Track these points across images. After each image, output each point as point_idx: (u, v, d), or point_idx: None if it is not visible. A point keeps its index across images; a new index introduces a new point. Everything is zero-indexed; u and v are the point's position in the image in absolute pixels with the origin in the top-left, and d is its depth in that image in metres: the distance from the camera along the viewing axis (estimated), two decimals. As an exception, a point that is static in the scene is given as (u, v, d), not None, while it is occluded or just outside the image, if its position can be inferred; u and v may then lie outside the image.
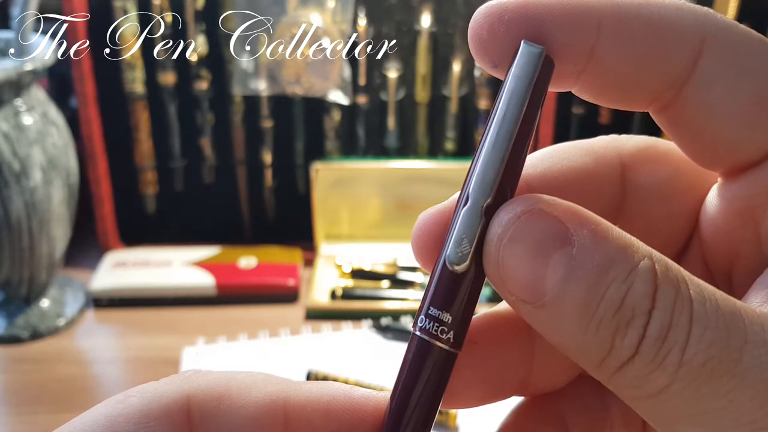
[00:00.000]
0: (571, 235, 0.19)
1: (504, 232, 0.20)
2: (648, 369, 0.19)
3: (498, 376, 0.25)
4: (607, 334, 0.19)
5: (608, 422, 0.25)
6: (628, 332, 0.19)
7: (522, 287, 0.20)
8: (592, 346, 0.19)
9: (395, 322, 0.85)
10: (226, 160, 1.03)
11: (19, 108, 0.81)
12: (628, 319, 0.19)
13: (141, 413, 0.21)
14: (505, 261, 0.20)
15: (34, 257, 0.85)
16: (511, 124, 0.20)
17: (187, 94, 0.99)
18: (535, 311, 0.20)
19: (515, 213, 0.20)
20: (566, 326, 0.19)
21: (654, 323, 0.18)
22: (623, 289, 0.19)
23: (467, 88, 1.00)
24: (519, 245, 0.20)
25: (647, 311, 0.19)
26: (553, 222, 0.19)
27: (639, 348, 0.19)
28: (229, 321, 0.90)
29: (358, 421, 0.22)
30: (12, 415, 0.77)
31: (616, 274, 0.19)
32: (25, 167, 0.81)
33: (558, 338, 0.20)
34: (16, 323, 0.88)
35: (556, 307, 0.19)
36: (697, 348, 0.18)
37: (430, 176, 0.99)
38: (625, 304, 0.19)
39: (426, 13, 0.97)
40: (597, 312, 0.19)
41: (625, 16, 0.21)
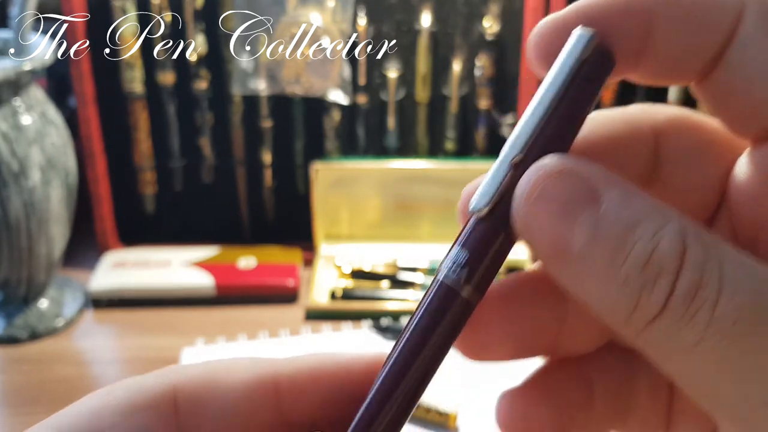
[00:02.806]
0: (600, 195, 0.19)
1: (533, 188, 0.20)
2: (676, 326, 0.19)
3: (528, 334, 0.25)
4: (634, 289, 0.19)
5: (634, 391, 0.25)
6: (654, 288, 0.19)
7: (549, 243, 0.20)
8: (619, 302, 0.19)
9: (395, 323, 0.85)
10: (226, 160, 1.03)
11: (18, 108, 0.81)
12: (655, 275, 0.19)
13: (126, 405, 0.21)
14: (533, 217, 0.20)
15: (33, 257, 0.85)
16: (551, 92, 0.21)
17: (187, 93, 0.99)
18: (561, 267, 0.20)
19: (545, 170, 0.20)
20: (592, 282, 0.19)
21: (683, 281, 0.19)
22: (650, 247, 0.19)
23: (467, 87, 1.00)
24: (547, 202, 0.20)
25: (675, 269, 0.19)
26: (582, 181, 0.20)
27: (667, 305, 0.19)
28: (229, 321, 0.90)
29: (347, 382, 0.22)
30: (10, 416, 0.77)
31: (643, 232, 0.19)
32: (24, 167, 0.80)
33: (584, 295, 0.20)
34: (15, 323, 0.88)
35: (582, 263, 0.19)
36: (728, 307, 0.18)
37: (430, 176, 0.99)
38: (652, 261, 0.19)
39: (426, 12, 0.96)
40: (623, 268, 0.19)
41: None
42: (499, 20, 0.97)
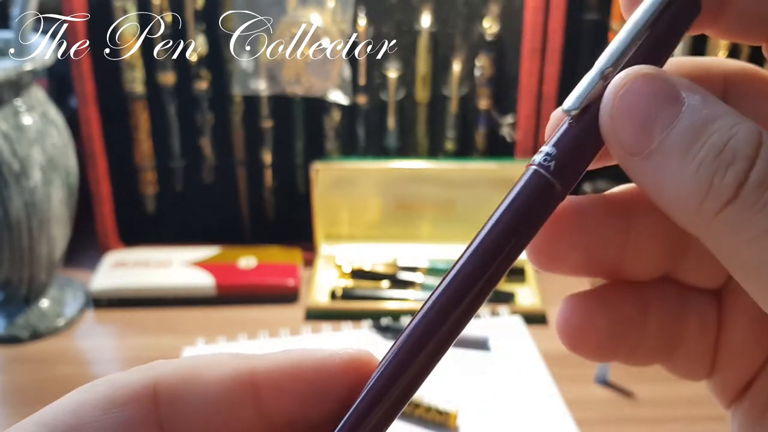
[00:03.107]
0: (682, 97, 0.21)
1: (621, 86, 0.21)
2: (748, 214, 0.19)
3: (594, 251, 0.26)
4: (707, 173, 0.20)
5: (685, 324, 0.26)
6: (728, 173, 0.19)
7: (631, 136, 0.21)
8: (692, 188, 0.20)
9: (395, 322, 0.85)
10: (226, 160, 1.03)
11: (19, 108, 0.81)
12: (729, 161, 0.19)
13: (107, 400, 0.21)
14: (619, 111, 0.21)
15: (34, 257, 0.85)
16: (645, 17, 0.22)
17: (187, 94, 0.99)
18: (641, 162, 0.21)
19: (635, 72, 0.21)
20: (668, 172, 0.20)
21: (757, 169, 0.19)
22: (726, 137, 0.20)
23: (467, 88, 1.00)
24: (633, 98, 0.21)
25: (750, 158, 0.19)
26: (668, 84, 0.21)
27: (740, 191, 0.19)
28: (229, 321, 0.91)
29: (325, 378, 0.23)
30: (11, 416, 0.77)
31: (721, 125, 0.20)
32: (25, 167, 0.81)
33: (659, 187, 0.21)
34: (16, 323, 0.88)
35: (660, 155, 0.20)
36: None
37: (430, 176, 0.99)
38: (727, 148, 0.19)
39: (426, 13, 0.97)
40: (698, 154, 0.20)
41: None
42: (499, 21, 0.97)
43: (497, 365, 0.80)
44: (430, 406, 0.71)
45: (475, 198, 0.98)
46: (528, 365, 0.80)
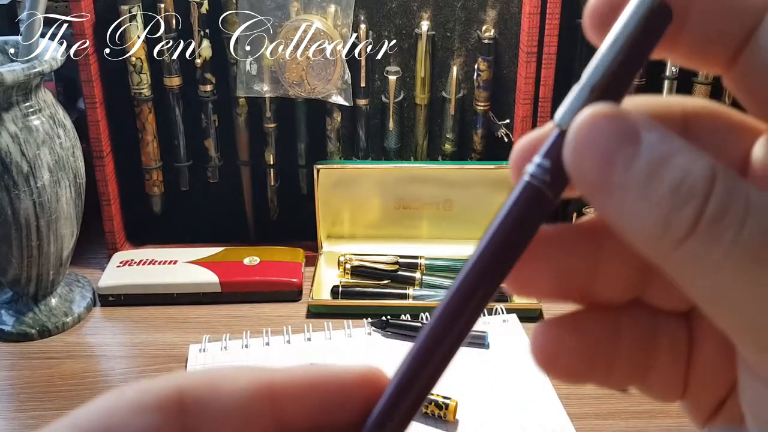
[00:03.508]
0: (641, 135, 0.21)
1: (583, 125, 0.22)
2: (705, 245, 0.20)
3: (564, 276, 0.26)
4: (665, 210, 0.21)
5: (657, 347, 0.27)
6: (685, 209, 0.20)
7: (594, 173, 0.22)
8: (652, 223, 0.21)
9: (395, 320, 0.86)
10: (231, 161, 1.04)
11: (28, 110, 0.82)
12: (686, 197, 0.20)
13: (136, 405, 0.23)
14: (582, 149, 0.22)
15: (43, 256, 0.87)
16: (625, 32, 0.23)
17: (193, 96, 1.00)
18: (604, 198, 0.22)
19: (596, 112, 0.22)
20: (629, 207, 0.21)
21: (712, 204, 0.20)
22: (683, 173, 0.21)
23: (465, 90, 1.02)
24: (594, 137, 0.22)
25: (705, 193, 0.20)
26: (627, 122, 0.22)
27: (696, 226, 0.20)
28: (233, 318, 0.92)
29: (340, 391, 0.24)
30: (21, 411, 0.79)
31: (677, 162, 0.21)
32: (34, 168, 0.82)
33: (622, 221, 0.22)
34: (25, 321, 0.89)
35: (622, 191, 0.21)
36: (754, 228, 0.20)
37: (429, 177, 1.00)
38: (684, 185, 0.20)
39: (425, 17, 0.98)
40: (657, 191, 0.21)
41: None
42: (496, 25, 0.98)
43: (495, 361, 0.82)
44: (429, 400, 0.72)
45: (473, 198, 0.99)
46: (524, 361, 0.81)
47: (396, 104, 1.01)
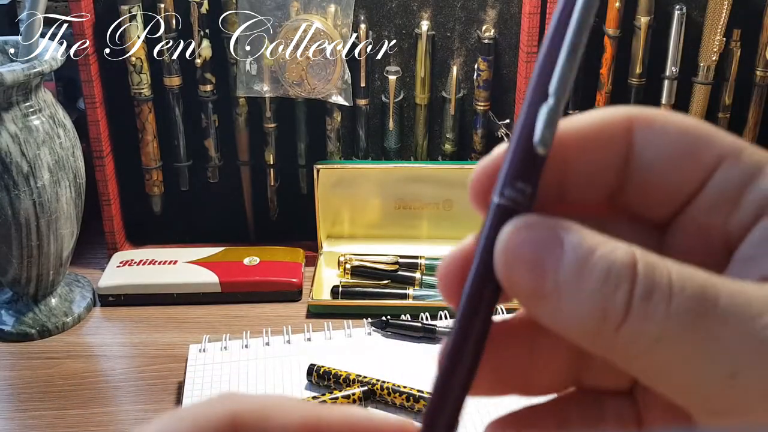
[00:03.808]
0: (561, 237, 0.23)
1: (507, 243, 0.23)
2: (640, 325, 0.22)
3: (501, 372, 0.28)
4: (599, 301, 0.22)
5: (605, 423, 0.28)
6: (616, 295, 0.22)
7: (526, 283, 0.23)
8: (588, 317, 0.22)
9: (395, 320, 0.87)
10: (231, 161, 1.04)
11: (28, 110, 0.82)
12: (615, 285, 0.22)
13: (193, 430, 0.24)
14: (511, 267, 0.23)
15: (43, 256, 0.87)
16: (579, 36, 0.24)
17: (193, 96, 1.00)
18: (539, 303, 0.23)
19: (514, 227, 0.24)
20: (565, 308, 0.23)
21: (639, 285, 0.22)
22: (608, 264, 0.22)
23: (465, 90, 1.02)
24: (520, 252, 0.23)
25: (631, 278, 0.22)
26: (545, 229, 0.23)
27: (629, 309, 0.22)
28: (233, 318, 0.92)
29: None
30: (21, 411, 0.79)
31: (600, 254, 0.22)
32: (34, 168, 0.82)
33: (562, 323, 0.23)
34: (25, 321, 0.89)
35: (555, 294, 0.23)
36: (681, 299, 0.22)
37: (429, 177, 1.00)
38: (611, 274, 0.22)
39: (425, 17, 0.98)
40: (588, 286, 0.22)
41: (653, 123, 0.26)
42: (496, 25, 0.98)
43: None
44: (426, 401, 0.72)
45: (473, 198, 0.99)
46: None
47: (396, 104, 1.01)
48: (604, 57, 0.97)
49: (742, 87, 0.98)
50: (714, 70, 0.97)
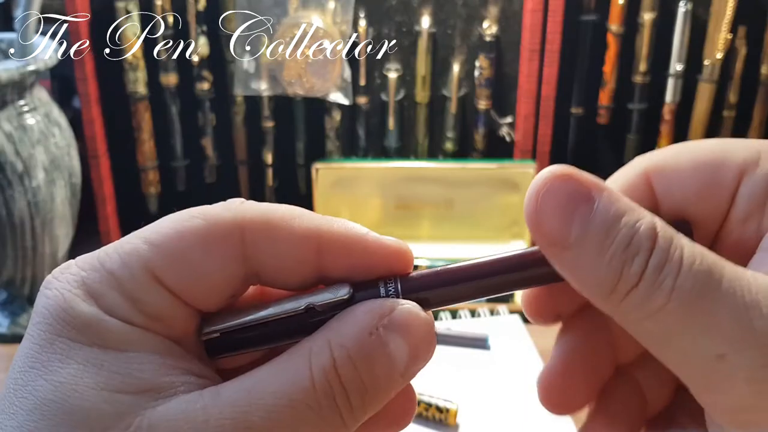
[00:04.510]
0: (593, 196, 0.25)
1: (542, 186, 0.25)
2: (648, 292, 0.24)
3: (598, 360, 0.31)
4: (618, 264, 0.24)
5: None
6: (634, 262, 0.24)
7: (553, 231, 0.25)
8: (606, 277, 0.24)
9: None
10: (228, 160, 1.04)
11: (22, 108, 0.82)
12: (634, 253, 0.24)
13: (204, 232, 0.26)
14: (541, 209, 0.25)
15: (37, 256, 0.86)
16: None
17: (189, 94, 0.99)
18: (561, 252, 0.25)
19: (553, 173, 0.25)
20: (585, 263, 0.25)
21: (654, 257, 0.24)
22: (631, 232, 0.24)
23: (467, 88, 1.01)
24: (552, 198, 0.25)
25: (649, 248, 0.24)
26: (580, 184, 0.25)
27: (642, 276, 0.24)
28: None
29: (372, 257, 0.27)
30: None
31: (626, 221, 0.24)
32: (28, 167, 0.81)
33: (578, 275, 0.25)
34: (20, 322, 0.89)
35: (578, 248, 0.24)
36: (687, 276, 0.24)
37: (429, 176, 0.99)
38: (633, 242, 0.24)
39: (426, 14, 0.97)
40: (610, 249, 0.24)
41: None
42: (498, 22, 0.98)
43: (497, 363, 0.81)
44: (430, 404, 0.72)
45: (474, 198, 0.99)
46: (527, 363, 0.80)
47: (396, 103, 1.01)
48: (607, 54, 0.96)
49: (747, 85, 0.97)
50: (719, 68, 0.96)
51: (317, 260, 0.27)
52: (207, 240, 0.25)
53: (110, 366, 0.24)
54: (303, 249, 0.26)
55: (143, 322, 0.25)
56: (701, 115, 0.98)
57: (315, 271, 0.27)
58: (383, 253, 0.27)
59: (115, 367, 0.24)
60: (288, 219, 0.26)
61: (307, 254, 0.26)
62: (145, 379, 0.24)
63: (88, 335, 0.24)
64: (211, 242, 0.25)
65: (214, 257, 0.26)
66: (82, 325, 0.24)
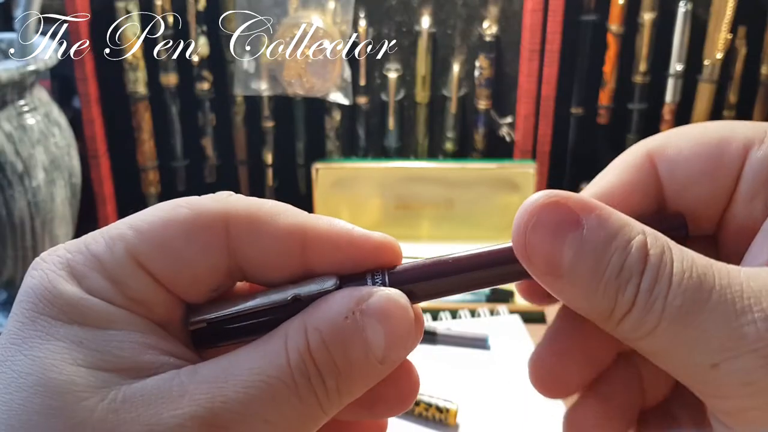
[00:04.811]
0: (581, 220, 0.24)
1: (529, 219, 0.25)
2: (641, 316, 0.24)
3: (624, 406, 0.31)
4: (611, 292, 0.24)
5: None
6: (627, 289, 0.24)
7: (545, 262, 0.25)
8: (601, 304, 0.24)
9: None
10: (228, 161, 1.03)
11: (22, 108, 0.81)
12: (627, 279, 0.24)
13: (190, 221, 0.26)
14: (530, 242, 0.25)
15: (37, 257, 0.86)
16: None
17: (189, 94, 0.99)
18: (555, 281, 0.25)
19: (538, 203, 0.25)
20: (580, 291, 0.25)
21: (645, 280, 0.24)
22: (623, 257, 0.24)
23: (467, 88, 1.01)
24: (541, 229, 0.25)
25: (640, 271, 0.24)
26: (567, 210, 0.25)
27: (635, 301, 0.24)
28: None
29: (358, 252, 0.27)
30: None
31: (617, 245, 0.24)
32: (28, 167, 0.81)
33: (574, 302, 0.25)
34: (20, 322, 0.88)
35: (571, 276, 0.24)
36: (676, 294, 0.24)
37: (429, 176, 0.99)
38: (625, 268, 0.24)
39: (426, 14, 0.97)
40: (604, 276, 0.24)
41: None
42: (498, 22, 0.97)
43: (497, 363, 0.81)
44: (430, 404, 0.72)
45: (474, 198, 0.99)
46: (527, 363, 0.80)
47: (396, 103, 1.00)
48: (607, 54, 0.96)
49: (747, 85, 0.97)
50: (719, 68, 0.96)
51: (303, 256, 0.27)
52: (191, 229, 0.26)
53: (89, 343, 0.24)
54: (287, 244, 0.26)
55: (125, 303, 0.25)
56: (701, 116, 0.98)
57: (301, 267, 0.27)
58: (370, 247, 0.27)
59: (94, 345, 0.24)
60: (273, 214, 0.27)
61: (292, 249, 0.27)
62: (124, 357, 0.24)
63: (69, 314, 0.24)
64: (195, 231, 0.26)
65: (197, 246, 0.26)
66: (64, 304, 0.24)
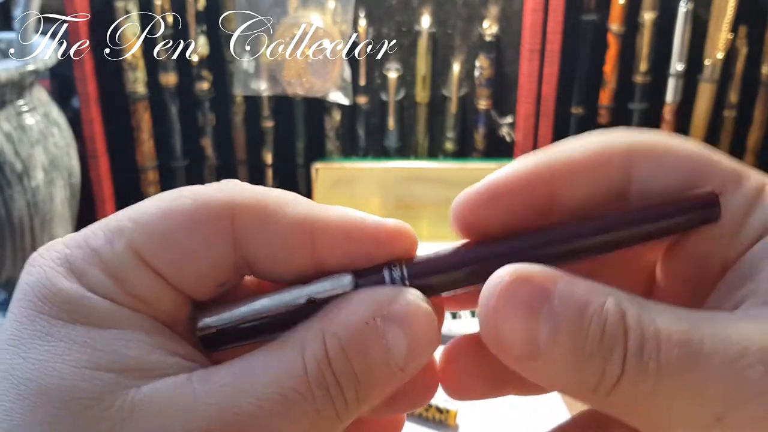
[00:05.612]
0: (550, 291, 0.23)
1: (497, 302, 0.23)
2: (635, 381, 0.22)
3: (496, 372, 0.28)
4: (598, 361, 0.22)
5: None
6: (614, 355, 0.22)
7: (521, 345, 0.23)
8: (586, 377, 0.22)
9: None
10: (228, 161, 1.03)
11: (22, 108, 0.81)
12: (611, 345, 0.22)
13: (193, 213, 0.24)
14: (503, 327, 0.23)
15: (36, 254, 0.86)
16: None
17: (189, 94, 0.99)
18: (532, 364, 0.23)
19: (502, 283, 0.23)
20: (561, 367, 0.23)
21: (631, 341, 0.22)
22: (601, 322, 0.22)
23: (467, 88, 1.01)
24: (511, 310, 0.23)
25: (623, 334, 0.22)
26: (534, 284, 0.23)
27: (624, 366, 0.22)
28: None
29: (371, 243, 0.26)
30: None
31: (593, 311, 0.22)
32: (27, 167, 0.81)
33: (555, 381, 0.23)
34: (19, 322, 0.88)
35: (550, 354, 0.23)
36: (669, 350, 0.22)
37: (430, 176, 0.99)
38: (606, 332, 0.22)
39: (426, 14, 0.97)
40: (586, 347, 0.22)
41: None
42: (498, 22, 0.97)
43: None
44: (430, 404, 0.72)
45: (475, 198, 0.99)
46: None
47: (396, 102, 1.00)
48: (607, 54, 0.96)
49: (748, 85, 0.97)
50: (720, 68, 0.95)
51: (313, 247, 0.25)
52: (194, 220, 0.24)
53: (93, 343, 0.23)
54: (297, 234, 0.25)
55: (128, 301, 0.24)
56: (702, 115, 0.97)
57: (311, 259, 0.25)
58: (383, 235, 0.27)
59: (98, 345, 0.23)
60: (281, 204, 0.25)
61: (302, 240, 0.25)
62: (130, 356, 0.23)
63: (69, 312, 0.23)
64: (199, 223, 0.24)
65: (200, 239, 0.24)
66: (64, 302, 0.23)
